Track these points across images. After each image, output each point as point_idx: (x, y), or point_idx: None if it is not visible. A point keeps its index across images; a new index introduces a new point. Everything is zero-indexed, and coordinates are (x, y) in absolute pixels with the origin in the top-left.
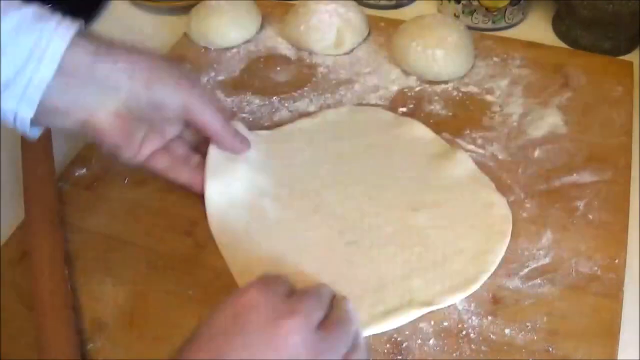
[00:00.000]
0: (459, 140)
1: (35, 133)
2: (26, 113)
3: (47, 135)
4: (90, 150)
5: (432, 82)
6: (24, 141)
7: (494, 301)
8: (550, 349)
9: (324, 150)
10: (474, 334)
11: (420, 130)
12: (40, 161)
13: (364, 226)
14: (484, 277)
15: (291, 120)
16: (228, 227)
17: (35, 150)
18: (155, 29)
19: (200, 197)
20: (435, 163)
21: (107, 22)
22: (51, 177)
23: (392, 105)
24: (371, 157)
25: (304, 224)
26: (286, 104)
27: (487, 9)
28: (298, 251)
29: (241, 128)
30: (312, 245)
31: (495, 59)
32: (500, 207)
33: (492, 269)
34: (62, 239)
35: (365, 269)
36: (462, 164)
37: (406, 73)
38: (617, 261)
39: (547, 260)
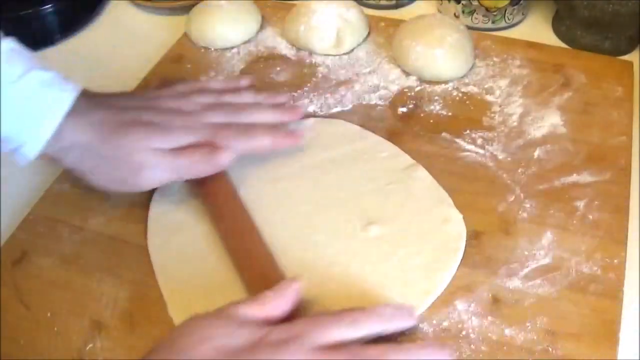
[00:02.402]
0: (459, 140)
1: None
2: (22, 162)
3: None
4: None
5: (432, 82)
6: None
7: (494, 301)
8: (550, 349)
9: (276, 166)
10: (474, 334)
11: (383, 145)
12: None
13: (314, 243)
14: (430, 300)
15: None
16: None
17: None
18: (155, 29)
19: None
20: (395, 178)
21: (107, 22)
22: None
23: (392, 105)
24: (330, 171)
25: None
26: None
27: (487, 9)
28: None
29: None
30: None
31: (495, 59)
32: (455, 223)
33: (440, 289)
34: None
35: (312, 285)
36: (421, 180)
37: (406, 73)
38: (617, 261)
39: (547, 260)
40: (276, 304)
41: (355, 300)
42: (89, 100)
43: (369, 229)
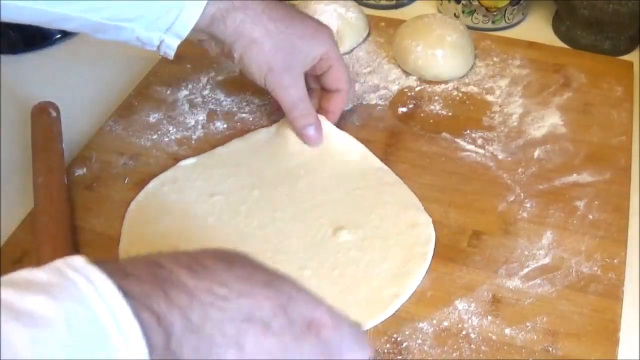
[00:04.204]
0: (459, 140)
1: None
2: (174, 43)
3: (57, 130)
4: (90, 150)
5: (432, 82)
6: (34, 134)
7: (494, 301)
8: (550, 349)
9: (251, 174)
10: (474, 334)
11: (353, 146)
12: (51, 153)
13: (285, 248)
14: (398, 303)
15: None
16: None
17: (45, 141)
18: None
19: None
20: (364, 182)
21: None
22: (60, 167)
23: (392, 105)
24: (300, 176)
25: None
26: None
27: (487, 9)
28: None
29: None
30: None
31: (495, 59)
32: (424, 227)
33: (408, 293)
34: (70, 234)
35: None
36: (390, 184)
37: (406, 73)
38: (617, 261)
39: (547, 260)
40: None
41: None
42: None
43: (339, 234)
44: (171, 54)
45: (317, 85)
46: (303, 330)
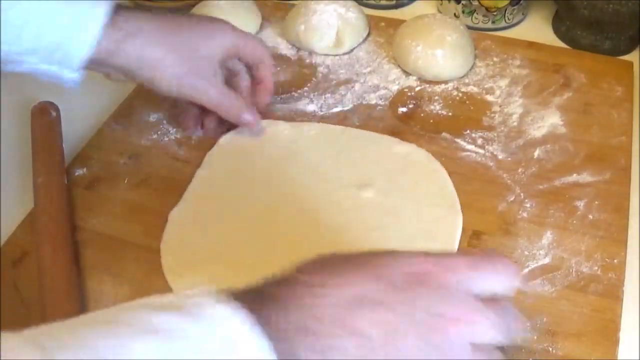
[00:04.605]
0: (459, 140)
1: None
2: (70, 75)
3: (57, 130)
4: (90, 150)
5: (432, 82)
6: (34, 134)
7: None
8: (550, 349)
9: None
10: None
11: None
12: (51, 153)
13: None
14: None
15: (291, 119)
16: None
17: (45, 141)
18: None
19: None
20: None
21: None
22: (60, 167)
23: (392, 105)
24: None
25: (260, 211)
26: (286, 104)
27: (487, 9)
28: (252, 233)
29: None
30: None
31: (495, 59)
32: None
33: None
34: (70, 234)
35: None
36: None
37: (406, 73)
38: (617, 261)
39: (547, 260)
40: None
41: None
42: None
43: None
44: (75, 86)
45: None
46: (411, 285)
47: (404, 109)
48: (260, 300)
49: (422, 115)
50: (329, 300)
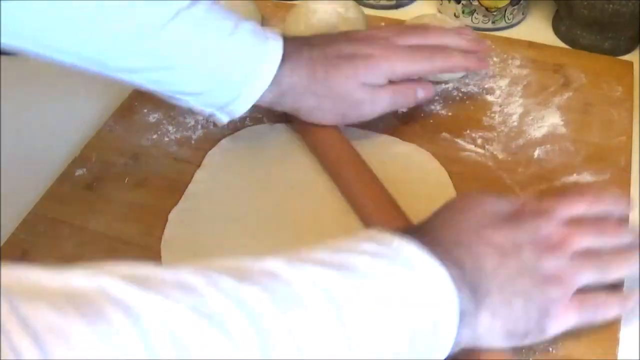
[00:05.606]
0: (459, 140)
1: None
2: (225, 118)
3: None
4: (90, 150)
5: (432, 82)
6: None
7: None
8: (550, 349)
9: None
10: None
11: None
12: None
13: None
14: None
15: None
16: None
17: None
18: None
19: None
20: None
21: None
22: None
23: None
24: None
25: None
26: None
27: (487, 9)
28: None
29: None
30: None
31: (495, 59)
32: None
33: None
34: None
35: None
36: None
37: None
38: None
39: None
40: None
41: None
42: (293, 43)
43: None
44: (220, 124)
45: None
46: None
47: (404, 109)
48: (421, 233)
49: (422, 115)
50: (467, 225)
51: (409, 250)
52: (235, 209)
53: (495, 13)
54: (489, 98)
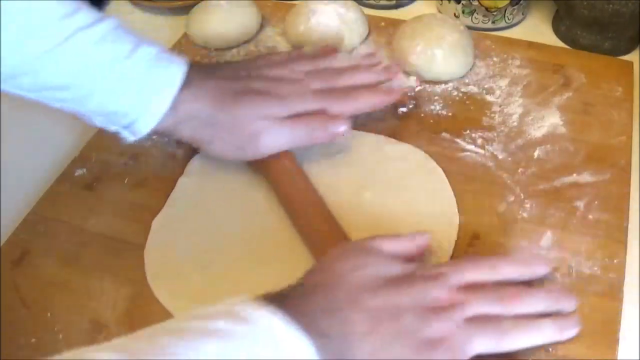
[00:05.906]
0: (459, 140)
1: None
2: (133, 137)
3: None
4: (90, 150)
5: (432, 82)
6: None
7: None
8: (550, 349)
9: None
10: None
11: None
12: None
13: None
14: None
15: None
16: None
17: None
18: (155, 29)
19: None
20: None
21: None
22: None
23: (392, 105)
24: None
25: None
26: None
27: (487, 9)
28: (247, 238)
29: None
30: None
31: (495, 59)
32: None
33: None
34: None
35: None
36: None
37: (406, 73)
38: (617, 261)
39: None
40: (409, 245)
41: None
42: (198, 72)
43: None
44: (129, 141)
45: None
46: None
47: (404, 109)
48: (289, 301)
49: (422, 115)
50: (341, 290)
51: (270, 324)
52: (218, 215)
53: (495, 13)
54: (489, 98)
